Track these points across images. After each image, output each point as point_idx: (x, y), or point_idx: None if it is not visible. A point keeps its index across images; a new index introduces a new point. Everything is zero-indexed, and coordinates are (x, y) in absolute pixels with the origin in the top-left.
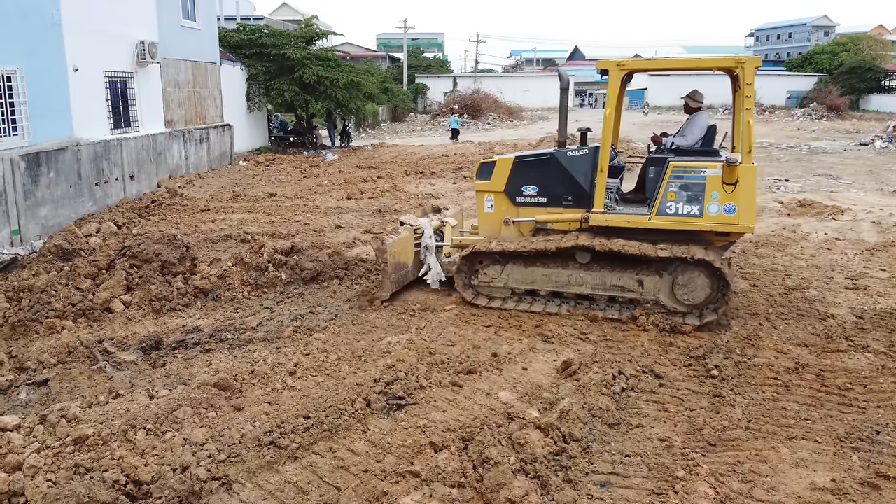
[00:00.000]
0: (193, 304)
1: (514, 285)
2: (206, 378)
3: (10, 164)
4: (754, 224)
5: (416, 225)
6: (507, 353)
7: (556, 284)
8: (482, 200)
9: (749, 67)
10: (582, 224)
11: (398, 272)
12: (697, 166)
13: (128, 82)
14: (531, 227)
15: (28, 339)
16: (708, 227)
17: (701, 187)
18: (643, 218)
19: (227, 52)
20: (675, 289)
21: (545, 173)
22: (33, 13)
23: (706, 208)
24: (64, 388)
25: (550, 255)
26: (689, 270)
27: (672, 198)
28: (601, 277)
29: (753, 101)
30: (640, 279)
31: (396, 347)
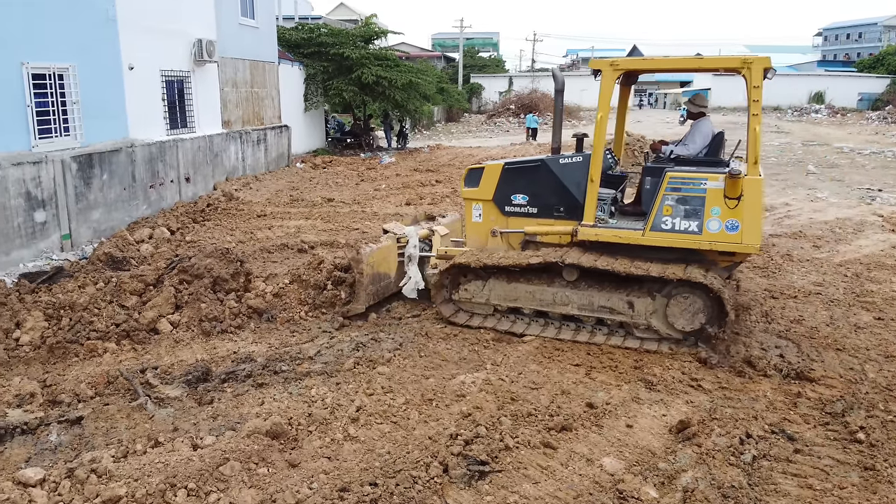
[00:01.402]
0: (246, 325)
1: (497, 302)
2: (257, 424)
3: (60, 165)
4: (759, 243)
5: (399, 234)
6: (604, 403)
7: (541, 303)
8: (470, 209)
9: (756, 68)
10: (573, 238)
11: (377, 283)
12: (697, 178)
13: (184, 81)
14: (520, 239)
15: (66, 362)
16: (707, 246)
17: (700, 201)
18: (636, 233)
19: (285, 51)
20: (669, 313)
21: (536, 181)
22: (87, 8)
23: (706, 225)
24: (99, 428)
25: (534, 270)
26: (684, 293)
27: (668, 212)
28: (588, 297)
29: (761, 107)
30: (630, 301)
31: (472, 389)
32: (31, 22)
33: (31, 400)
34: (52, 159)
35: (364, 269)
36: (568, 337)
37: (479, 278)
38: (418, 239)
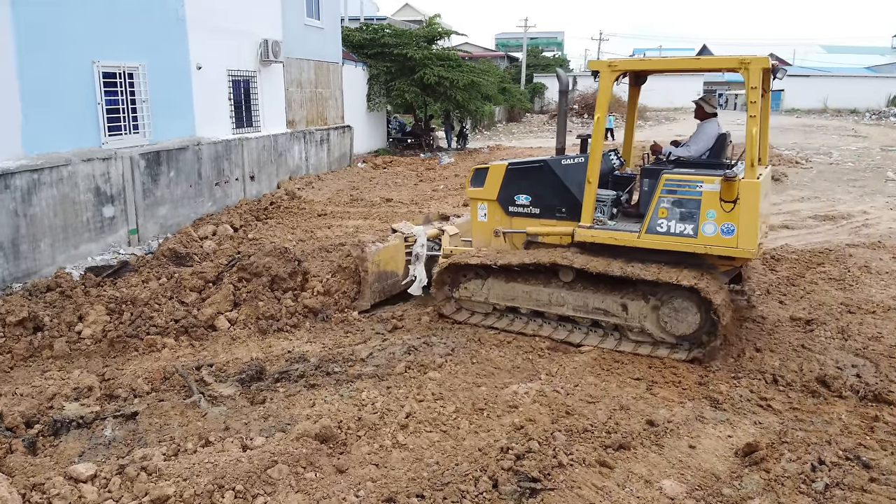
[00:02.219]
0: (302, 324)
1: (495, 301)
2: (307, 427)
3: (129, 162)
4: (755, 248)
5: (407, 233)
6: (666, 422)
7: (537, 303)
8: (475, 209)
9: (755, 69)
10: (573, 239)
11: (383, 281)
12: (692, 180)
13: (251, 81)
14: (523, 239)
15: (125, 357)
16: (702, 250)
17: (696, 204)
18: (632, 236)
19: (349, 51)
20: (661, 316)
21: (538, 182)
22: (156, 8)
23: (701, 228)
24: (153, 424)
25: (532, 270)
26: (677, 297)
27: (663, 215)
28: (583, 299)
29: (759, 108)
30: (624, 303)
31: (525, 400)
32: (103, 21)
33: (89, 394)
34: (121, 156)
35: (369, 268)
36: (561, 337)
37: (479, 277)
38: (427, 238)
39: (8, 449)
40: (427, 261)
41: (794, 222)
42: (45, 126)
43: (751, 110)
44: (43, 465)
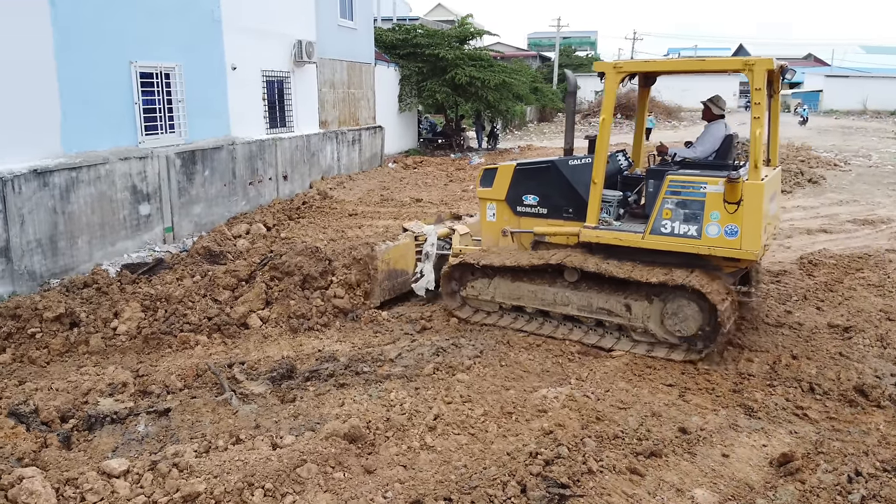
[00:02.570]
0: (332, 323)
1: (501, 300)
2: (336, 426)
3: (165, 161)
4: (758, 249)
5: (418, 232)
6: (699, 429)
7: (543, 302)
8: (485, 209)
9: (759, 70)
10: (579, 239)
11: (392, 279)
12: (697, 182)
13: (284, 82)
14: (530, 238)
15: (159, 353)
16: (706, 251)
17: (700, 205)
18: (636, 236)
19: (381, 52)
20: (664, 317)
21: (546, 183)
22: (193, 10)
23: (705, 229)
24: (185, 421)
25: (537, 270)
26: (679, 298)
27: (668, 216)
28: (588, 298)
29: (763, 109)
30: (628, 304)
31: (554, 405)
32: (141, 22)
33: (123, 389)
34: (157, 155)
35: (378, 266)
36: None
37: (486, 276)
38: (438, 237)
39: (43, 443)
40: (438, 260)
41: (832, 226)
42: (83, 125)
43: (755, 112)
44: (77, 460)
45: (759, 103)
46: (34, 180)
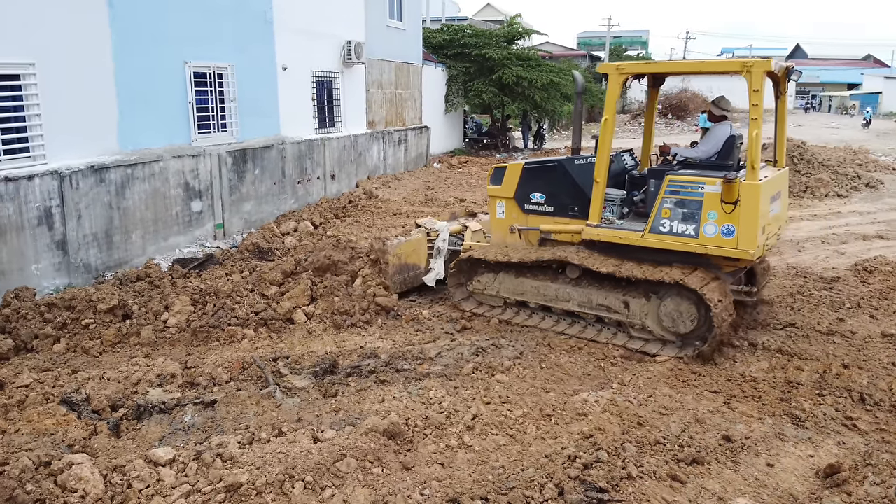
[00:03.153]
0: (374, 321)
1: (506, 295)
2: (375, 422)
3: (217, 159)
4: (755, 249)
5: (430, 228)
6: (743, 438)
7: (545, 298)
8: (494, 206)
9: (757, 71)
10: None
11: (404, 273)
12: (695, 182)
13: (333, 82)
14: (537, 236)
15: (207, 346)
16: (703, 250)
17: (698, 205)
18: (636, 235)
19: (429, 52)
20: (661, 314)
21: (552, 181)
22: (246, 11)
23: (702, 228)
24: (230, 412)
25: (540, 266)
26: (675, 296)
27: (667, 215)
28: (588, 295)
29: (760, 111)
30: (626, 300)
31: (595, 409)
32: (195, 23)
33: (172, 381)
34: (209, 153)
35: (390, 260)
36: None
37: (491, 271)
38: (450, 234)
39: (93, 431)
40: (450, 255)
41: (889, 232)
42: (139, 123)
43: (752, 113)
44: (125, 448)
45: (758, 105)
46: (91, 176)
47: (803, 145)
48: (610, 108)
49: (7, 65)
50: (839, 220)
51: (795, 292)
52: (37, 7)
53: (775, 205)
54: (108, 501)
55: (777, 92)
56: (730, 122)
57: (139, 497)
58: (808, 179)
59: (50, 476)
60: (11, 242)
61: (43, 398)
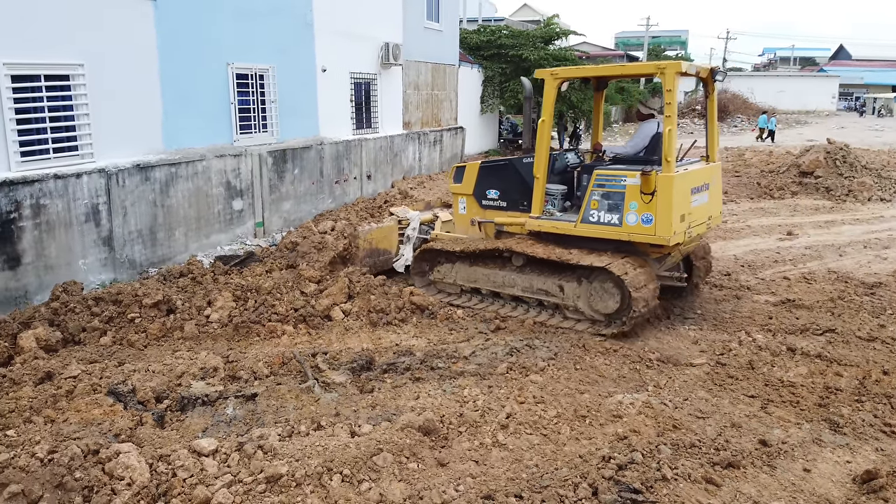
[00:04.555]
0: (409, 319)
1: (462, 283)
2: (411, 418)
3: (258, 159)
4: (670, 236)
5: (402, 216)
6: (780, 442)
7: (494, 284)
8: (457, 202)
9: (669, 73)
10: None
11: (374, 257)
12: (618, 175)
13: (371, 84)
14: (493, 228)
15: (248, 341)
16: (626, 237)
17: (621, 196)
18: (570, 225)
19: (465, 53)
20: (590, 296)
21: (505, 179)
22: (286, 13)
23: (625, 218)
24: (270, 406)
25: (490, 256)
26: (600, 279)
27: (595, 206)
28: (529, 281)
29: (675, 109)
30: (561, 285)
31: (630, 411)
32: (237, 25)
33: (214, 374)
34: (250, 153)
35: (360, 244)
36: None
37: (449, 261)
38: (420, 223)
39: (139, 421)
40: (420, 244)
41: None
42: (182, 123)
43: (666, 111)
44: (169, 438)
45: (671, 104)
46: (137, 174)
47: (846, 148)
48: (547, 110)
49: (57, 65)
50: (882, 224)
51: (836, 297)
52: (85, 10)
53: (700, 196)
54: (154, 489)
55: (706, 92)
56: (657, 120)
57: (183, 485)
58: (850, 183)
59: (98, 464)
60: (60, 238)
61: (90, 389)
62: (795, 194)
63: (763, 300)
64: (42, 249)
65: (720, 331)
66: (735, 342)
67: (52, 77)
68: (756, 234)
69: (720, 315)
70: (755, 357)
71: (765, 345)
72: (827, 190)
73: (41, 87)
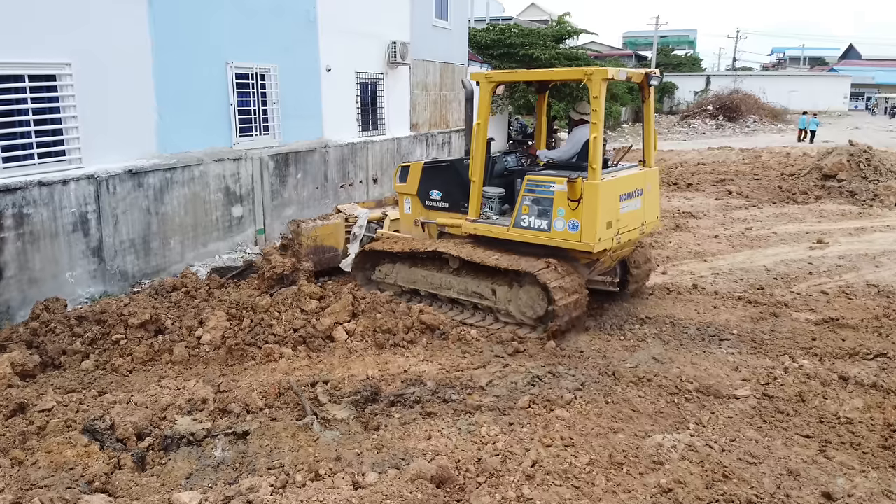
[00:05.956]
0: (418, 340)
1: (402, 283)
2: (422, 466)
3: (259, 163)
4: (595, 243)
5: (350, 214)
6: (846, 496)
7: (432, 286)
8: (402, 202)
9: (596, 79)
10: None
11: (319, 254)
12: (547, 181)
13: (377, 84)
14: (436, 229)
15: (243, 365)
16: (554, 243)
17: (549, 202)
18: (503, 229)
19: (474, 52)
20: (520, 300)
21: (447, 180)
22: (289, 11)
23: (553, 224)
24: (263, 447)
25: (428, 258)
26: (527, 284)
27: (526, 211)
28: (464, 283)
29: (601, 116)
30: (493, 288)
31: (672, 455)
32: (237, 23)
33: (203, 406)
34: (251, 157)
35: (303, 241)
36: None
37: (390, 261)
38: (369, 220)
39: (116, 464)
40: (367, 241)
41: None
42: (179, 125)
43: (592, 118)
44: (148, 487)
45: (598, 110)
46: (129, 180)
47: (870, 150)
48: (482, 113)
49: (42, 65)
50: None
51: (881, 315)
52: (73, 5)
53: (632, 202)
54: None
55: (642, 96)
56: (587, 126)
57: None
58: (875, 187)
59: None
60: (45, 249)
61: (64, 425)
62: (819, 199)
63: (803, 318)
64: (25, 262)
65: (761, 355)
66: (780, 369)
67: (37, 77)
68: (784, 242)
69: (758, 336)
70: (804, 387)
71: (813, 372)
72: (851, 194)
73: (25, 88)
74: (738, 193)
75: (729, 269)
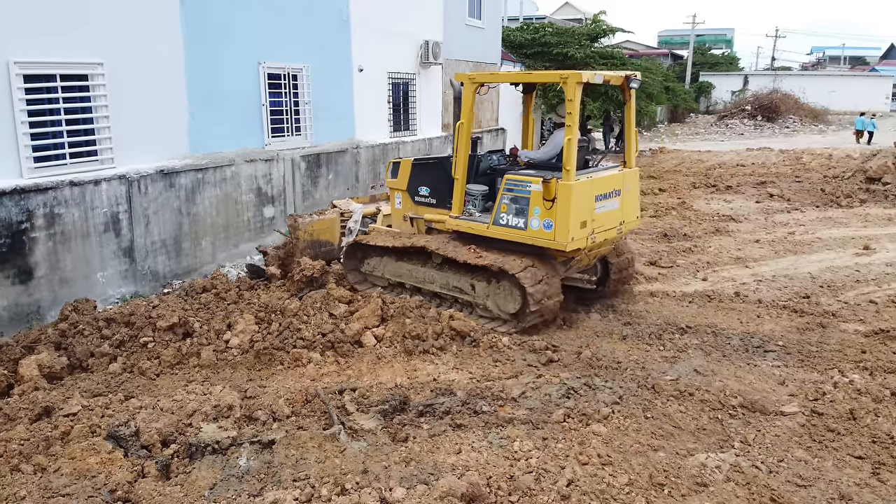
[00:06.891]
0: (448, 347)
1: (389, 276)
2: (452, 483)
3: (290, 164)
4: (567, 241)
5: (345, 209)
6: None
7: (416, 280)
8: (394, 197)
9: (571, 83)
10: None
11: (316, 248)
12: (525, 181)
13: (409, 84)
14: (424, 224)
15: (270, 370)
16: (529, 241)
17: (526, 201)
18: (483, 226)
19: (508, 51)
20: (496, 296)
21: (434, 177)
22: (321, 10)
23: (529, 222)
24: (289, 457)
25: (413, 252)
26: (504, 280)
27: (504, 209)
28: (446, 278)
29: (575, 119)
30: (473, 283)
31: (716, 476)
32: (269, 23)
33: (229, 413)
34: (283, 157)
35: (300, 235)
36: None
37: (378, 255)
38: (363, 216)
39: (140, 472)
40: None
41: None
42: (210, 126)
43: (567, 120)
44: (172, 497)
45: (572, 113)
46: (160, 181)
47: None
48: (466, 112)
49: (74, 64)
50: None
51: None
52: (105, 4)
53: (608, 202)
54: None
55: (623, 98)
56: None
57: None
58: None
59: None
60: (76, 249)
61: (89, 430)
62: (864, 202)
63: (852, 329)
64: (56, 262)
65: (808, 368)
66: (829, 384)
67: (69, 77)
68: (829, 247)
69: (805, 348)
70: (855, 404)
71: (864, 388)
72: None
73: (57, 88)
74: (779, 196)
75: (772, 276)
